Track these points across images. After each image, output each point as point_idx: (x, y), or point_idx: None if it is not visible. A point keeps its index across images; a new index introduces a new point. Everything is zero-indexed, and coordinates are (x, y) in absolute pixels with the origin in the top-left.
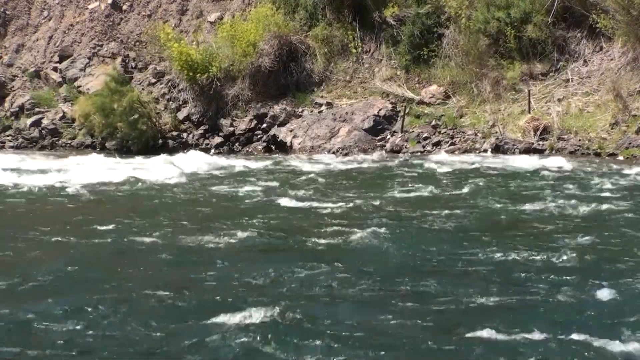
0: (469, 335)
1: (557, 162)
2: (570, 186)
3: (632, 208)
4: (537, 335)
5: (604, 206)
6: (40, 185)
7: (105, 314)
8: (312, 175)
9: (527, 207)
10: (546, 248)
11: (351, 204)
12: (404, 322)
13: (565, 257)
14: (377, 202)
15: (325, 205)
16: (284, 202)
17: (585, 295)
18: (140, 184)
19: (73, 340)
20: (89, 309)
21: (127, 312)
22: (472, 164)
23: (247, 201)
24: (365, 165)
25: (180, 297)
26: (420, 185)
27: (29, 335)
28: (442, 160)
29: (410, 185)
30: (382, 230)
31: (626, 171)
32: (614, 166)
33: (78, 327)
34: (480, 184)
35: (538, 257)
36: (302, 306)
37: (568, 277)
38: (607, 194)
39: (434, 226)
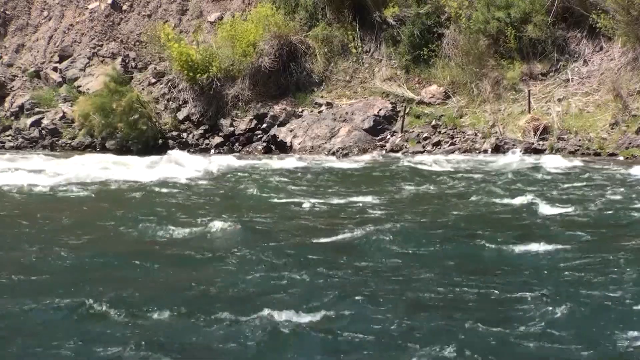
0: (484, 328)
1: (557, 162)
2: (570, 186)
3: (631, 207)
4: (539, 330)
5: (603, 205)
6: (40, 185)
7: (107, 313)
8: (312, 175)
9: (527, 205)
10: (545, 245)
11: (352, 203)
12: (409, 318)
13: (562, 255)
14: (377, 201)
15: (326, 204)
16: (285, 201)
17: (582, 293)
18: (140, 183)
19: (80, 339)
20: (93, 307)
21: (131, 312)
22: (472, 163)
23: (247, 201)
24: (365, 165)
25: (182, 296)
26: (421, 184)
27: (32, 334)
28: (442, 160)
29: (410, 184)
30: (383, 227)
31: (626, 171)
32: (614, 166)
33: (84, 326)
34: (480, 183)
35: (538, 255)
36: (307, 303)
37: (566, 274)
38: (606, 193)
39: (435, 224)
